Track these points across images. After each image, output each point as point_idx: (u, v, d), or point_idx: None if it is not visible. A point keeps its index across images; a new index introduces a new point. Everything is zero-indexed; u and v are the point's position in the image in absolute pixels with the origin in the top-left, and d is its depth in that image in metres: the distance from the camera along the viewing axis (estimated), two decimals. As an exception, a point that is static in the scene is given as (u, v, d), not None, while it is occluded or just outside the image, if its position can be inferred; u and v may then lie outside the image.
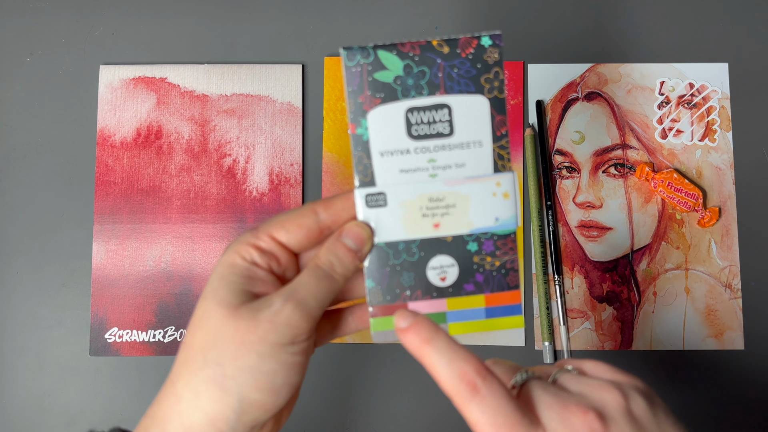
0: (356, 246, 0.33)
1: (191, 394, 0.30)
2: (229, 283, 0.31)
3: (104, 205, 0.56)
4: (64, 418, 0.54)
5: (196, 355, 0.31)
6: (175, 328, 0.55)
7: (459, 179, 0.33)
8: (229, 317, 0.30)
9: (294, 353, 0.31)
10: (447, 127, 0.33)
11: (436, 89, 0.33)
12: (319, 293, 0.31)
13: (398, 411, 0.55)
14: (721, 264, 0.56)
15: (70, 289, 0.56)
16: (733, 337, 0.55)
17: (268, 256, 0.33)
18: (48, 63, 0.58)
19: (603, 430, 0.27)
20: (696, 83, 0.58)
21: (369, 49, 0.33)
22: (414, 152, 0.33)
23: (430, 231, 0.33)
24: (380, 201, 0.33)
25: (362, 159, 0.33)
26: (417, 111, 0.33)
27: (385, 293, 0.33)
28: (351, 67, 0.33)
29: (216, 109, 0.57)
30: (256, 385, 0.30)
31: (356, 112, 0.33)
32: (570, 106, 0.58)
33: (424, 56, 0.33)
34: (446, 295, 0.33)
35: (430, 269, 0.33)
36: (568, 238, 0.57)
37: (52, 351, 0.55)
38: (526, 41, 0.59)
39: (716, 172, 0.57)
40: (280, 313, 0.30)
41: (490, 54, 0.33)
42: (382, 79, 0.33)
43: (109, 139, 0.57)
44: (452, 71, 0.33)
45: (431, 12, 0.59)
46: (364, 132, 0.33)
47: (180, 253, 0.56)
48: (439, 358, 0.29)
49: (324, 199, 0.33)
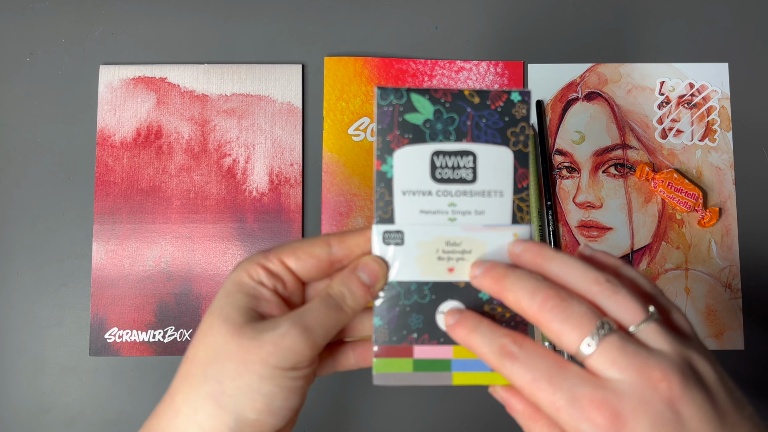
0: (370, 281, 0.32)
1: (189, 410, 0.30)
2: (235, 301, 0.31)
3: (104, 205, 0.56)
4: (64, 418, 0.54)
5: (196, 369, 0.31)
6: (175, 328, 0.55)
7: (477, 226, 0.33)
8: (233, 335, 0.30)
9: (294, 378, 0.31)
10: (470, 173, 0.33)
11: (464, 136, 0.33)
12: (327, 323, 0.31)
13: (398, 411, 0.55)
14: (721, 264, 0.56)
15: (69, 289, 0.56)
16: (733, 337, 0.55)
17: (275, 279, 0.32)
18: (48, 63, 0.58)
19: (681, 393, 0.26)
20: (696, 83, 0.58)
21: (403, 91, 0.33)
22: (436, 194, 0.33)
23: (443, 275, 0.33)
24: (398, 239, 0.33)
25: (384, 196, 0.33)
26: (443, 155, 0.33)
27: (392, 334, 0.33)
28: (383, 106, 0.33)
29: (216, 109, 0.57)
30: (254, 406, 0.30)
31: (383, 150, 0.33)
32: (570, 106, 0.58)
33: (455, 104, 0.33)
34: (453, 342, 0.33)
35: (440, 313, 0.33)
36: (569, 239, 0.57)
37: (52, 351, 0.55)
38: (526, 41, 0.59)
39: (716, 172, 0.57)
40: (285, 337, 0.30)
41: (518, 109, 0.33)
42: (412, 120, 0.33)
43: (109, 139, 0.57)
44: (480, 121, 0.33)
45: (431, 12, 0.59)
46: (388, 170, 0.33)
47: (180, 253, 0.56)
48: (482, 341, 0.30)
49: (339, 233, 0.33)
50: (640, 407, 0.26)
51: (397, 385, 0.33)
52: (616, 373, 0.27)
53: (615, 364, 0.27)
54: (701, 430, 0.26)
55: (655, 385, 0.26)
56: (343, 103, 0.58)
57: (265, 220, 0.56)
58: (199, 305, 0.55)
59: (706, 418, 0.27)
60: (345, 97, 0.58)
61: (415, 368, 0.33)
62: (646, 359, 0.27)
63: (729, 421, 0.27)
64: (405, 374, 0.33)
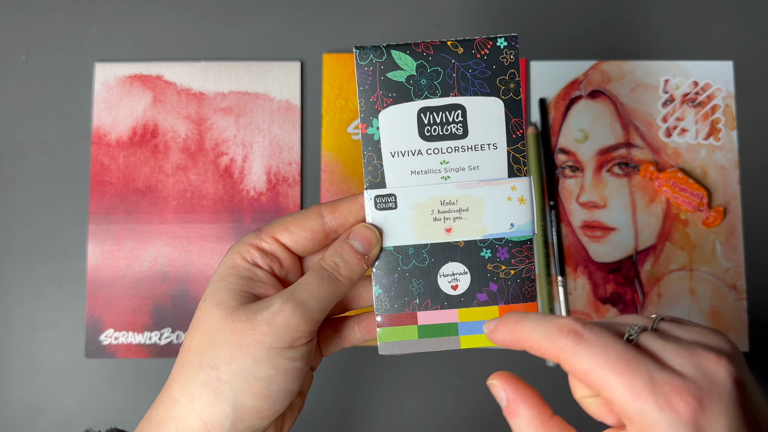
0: (364, 248, 0.32)
1: (186, 398, 0.30)
2: (228, 284, 0.31)
3: (99, 205, 0.55)
4: (60, 421, 0.54)
5: (192, 357, 0.30)
6: (171, 329, 0.54)
7: (472, 182, 0.32)
8: (226, 319, 0.30)
9: (292, 359, 0.30)
10: (460, 128, 0.32)
11: (450, 90, 0.32)
12: (322, 295, 0.31)
13: (398, 412, 0.54)
14: (726, 265, 0.55)
15: (65, 290, 0.55)
16: (738, 339, 0.55)
17: (270, 258, 0.32)
18: (43, 61, 0.58)
19: (736, 374, 0.26)
20: (700, 81, 0.58)
21: (382, 48, 0.32)
22: (426, 153, 0.32)
23: (441, 236, 0.32)
24: (390, 203, 0.32)
25: (372, 159, 0.32)
26: (430, 111, 0.32)
27: (393, 301, 0.32)
28: (363, 66, 0.32)
29: (213, 107, 0.57)
30: (251, 391, 0.29)
31: (367, 112, 0.32)
32: (573, 104, 0.57)
33: (438, 56, 0.32)
34: (457, 305, 0.32)
35: (441, 276, 0.32)
36: (572, 239, 0.56)
37: (47, 353, 0.55)
38: (529, 38, 0.58)
39: (721, 171, 0.57)
40: (279, 314, 0.29)
41: (505, 56, 0.32)
42: (395, 78, 0.32)
43: (104, 138, 0.56)
44: (467, 72, 0.32)
45: (431, 8, 0.59)
46: (375, 132, 0.32)
47: (176, 254, 0.55)
48: (535, 328, 0.27)
49: (330, 202, 0.33)
50: (714, 390, 0.25)
51: (404, 354, 0.32)
52: (676, 359, 0.26)
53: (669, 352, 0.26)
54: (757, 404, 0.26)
55: (721, 370, 0.25)
56: (342, 101, 0.57)
57: (263, 220, 0.55)
58: (195, 307, 0.54)
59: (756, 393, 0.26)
60: (344, 95, 0.57)
61: (420, 335, 0.32)
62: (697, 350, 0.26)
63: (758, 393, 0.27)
64: (410, 342, 0.32)
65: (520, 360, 0.54)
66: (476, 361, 0.54)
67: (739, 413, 0.25)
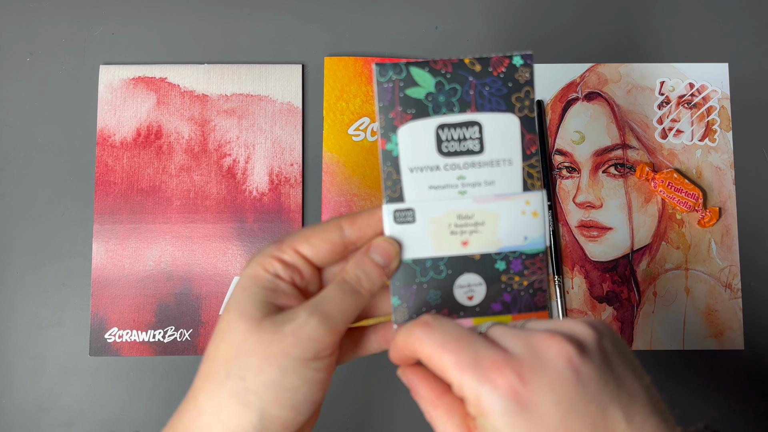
0: (384, 261, 0.32)
1: (213, 408, 0.30)
2: (252, 295, 0.31)
3: (104, 205, 0.56)
4: (64, 419, 0.54)
5: (219, 368, 0.30)
6: (175, 328, 0.55)
7: (488, 197, 0.33)
8: (252, 330, 0.30)
9: (317, 369, 0.30)
10: (477, 144, 0.33)
11: (467, 107, 0.33)
12: (345, 308, 0.31)
13: (398, 411, 0.55)
14: (721, 264, 0.56)
15: (69, 288, 0.56)
16: (733, 337, 0.55)
17: (291, 270, 0.32)
18: (48, 63, 0.58)
19: (577, 354, 0.27)
20: (696, 83, 0.58)
21: (401, 65, 0.33)
22: (444, 169, 0.33)
23: (458, 248, 0.33)
24: (408, 217, 0.33)
25: (391, 174, 0.33)
26: (448, 128, 0.33)
27: (411, 312, 0.33)
28: (383, 83, 0.33)
29: (216, 109, 0.57)
30: (278, 401, 0.30)
31: (387, 128, 0.33)
32: (570, 106, 0.58)
33: (456, 74, 0.33)
34: (473, 315, 0.33)
35: (458, 288, 0.33)
36: (568, 238, 0.57)
37: (52, 351, 0.55)
38: (526, 41, 0.59)
39: (716, 172, 0.57)
40: (305, 326, 0.30)
41: (521, 73, 0.33)
42: (414, 95, 0.33)
43: (109, 139, 0.57)
44: (484, 89, 0.33)
45: (431, 12, 0.59)
46: (394, 147, 0.33)
47: (180, 253, 0.56)
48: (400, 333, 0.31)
49: (349, 215, 0.33)
50: (539, 365, 0.26)
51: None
52: (510, 340, 0.28)
53: (507, 335, 0.28)
54: (600, 390, 0.26)
55: (550, 348, 0.27)
56: (343, 103, 0.58)
57: (266, 220, 0.56)
58: (199, 305, 0.55)
59: (604, 379, 0.27)
60: (345, 97, 0.58)
61: None
62: (533, 332, 0.28)
63: (626, 384, 0.27)
64: None
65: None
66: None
67: (572, 391, 0.26)
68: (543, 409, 0.26)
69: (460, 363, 0.27)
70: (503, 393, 0.26)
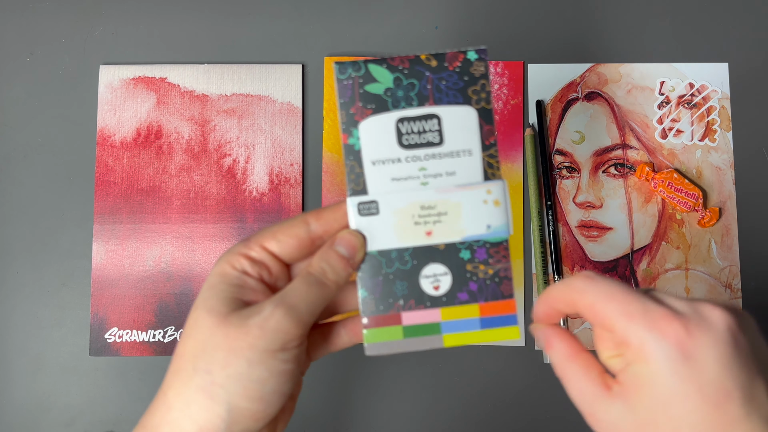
0: (349, 253, 0.33)
1: (181, 404, 0.31)
2: (219, 292, 0.32)
3: (104, 205, 0.56)
4: (64, 419, 0.54)
5: (186, 364, 0.31)
6: (175, 328, 0.55)
7: (450, 187, 0.34)
8: (219, 325, 0.30)
9: (284, 360, 0.31)
10: (437, 136, 0.34)
11: (426, 100, 0.34)
12: (310, 299, 0.32)
13: (398, 411, 0.55)
14: (721, 264, 0.56)
15: (69, 289, 0.56)
16: (733, 337, 0.55)
17: (259, 266, 0.33)
18: (48, 63, 0.58)
19: (736, 324, 0.28)
20: (696, 83, 0.58)
21: (360, 63, 0.34)
22: (405, 161, 0.34)
23: (422, 239, 0.33)
24: (372, 209, 0.33)
25: (354, 168, 0.34)
26: (407, 121, 0.34)
27: (378, 303, 0.33)
28: (342, 80, 0.34)
29: (216, 109, 0.57)
30: (245, 394, 0.30)
31: (348, 123, 0.34)
32: (570, 106, 0.58)
33: (414, 69, 0.34)
34: (440, 305, 0.33)
35: (423, 278, 0.34)
36: (568, 238, 0.57)
37: (52, 351, 0.55)
38: (526, 41, 0.59)
39: (716, 172, 0.57)
40: (270, 318, 0.30)
41: (476, 67, 0.34)
42: (373, 91, 0.34)
43: (109, 139, 0.57)
44: (440, 83, 0.34)
45: (431, 12, 0.59)
46: (355, 142, 0.34)
47: (180, 253, 0.56)
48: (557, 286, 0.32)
49: (315, 210, 0.34)
50: (703, 324, 0.28)
51: (390, 354, 0.33)
52: (675, 302, 0.29)
53: (671, 298, 0.29)
54: (750, 360, 0.28)
55: (714, 313, 0.28)
56: (343, 103, 0.58)
57: (266, 220, 0.56)
58: (199, 305, 0.55)
59: (753, 353, 0.28)
60: (345, 97, 0.58)
61: (405, 335, 0.33)
62: (697, 299, 0.30)
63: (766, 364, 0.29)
64: (396, 342, 0.33)
65: (517, 359, 0.55)
66: (467, 360, 0.55)
67: (730, 353, 0.28)
68: (703, 362, 0.27)
69: (629, 312, 0.28)
70: (671, 342, 0.27)
